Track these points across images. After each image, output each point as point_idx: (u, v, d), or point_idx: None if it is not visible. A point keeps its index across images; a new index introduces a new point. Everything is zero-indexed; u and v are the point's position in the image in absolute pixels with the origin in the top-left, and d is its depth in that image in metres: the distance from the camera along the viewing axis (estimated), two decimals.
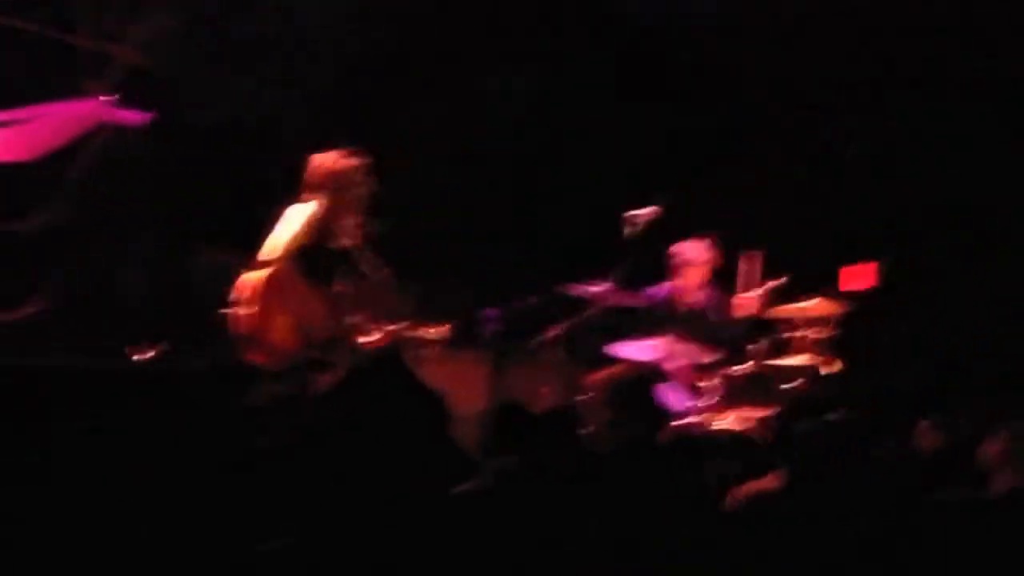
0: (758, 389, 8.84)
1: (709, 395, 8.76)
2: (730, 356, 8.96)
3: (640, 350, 8.82)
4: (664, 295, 9.39)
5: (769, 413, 8.18)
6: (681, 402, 8.85)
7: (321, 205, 7.76)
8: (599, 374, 8.90)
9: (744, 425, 8.46)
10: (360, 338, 7.66)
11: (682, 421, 8.54)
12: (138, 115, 8.65)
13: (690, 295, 9.37)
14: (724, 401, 8.76)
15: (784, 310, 9.09)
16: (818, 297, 9.03)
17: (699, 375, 8.95)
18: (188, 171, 9.92)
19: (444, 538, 4.48)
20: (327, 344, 7.59)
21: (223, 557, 4.19)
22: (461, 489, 5.10)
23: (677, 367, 8.95)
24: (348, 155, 7.83)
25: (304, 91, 10.38)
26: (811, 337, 8.94)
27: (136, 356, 8.13)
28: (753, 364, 8.85)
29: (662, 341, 8.77)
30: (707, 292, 9.37)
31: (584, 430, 7.94)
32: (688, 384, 8.98)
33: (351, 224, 7.78)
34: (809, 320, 8.98)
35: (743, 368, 8.87)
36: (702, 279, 9.33)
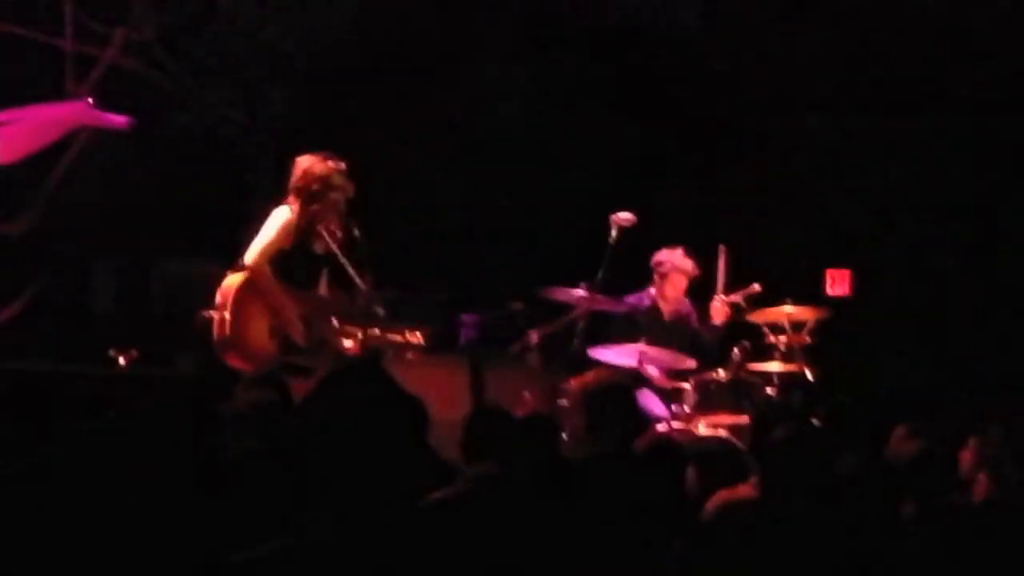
0: (735, 395, 8.87)
1: (687, 401, 8.79)
2: (708, 363, 9.00)
3: (619, 355, 8.83)
4: (647, 303, 9.40)
5: (746, 420, 8.20)
6: (659, 408, 8.87)
7: (301, 209, 7.74)
8: (577, 379, 8.90)
9: (721, 432, 8.49)
10: (339, 343, 7.66)
11: (660, 427, 8.55)
12: (119, 118, 8.65)
13: (673, 303, 9.38)
14: (701, 407, 8.78)
15: (761, 315, 9.12)
16: (795, 303, 9.07)
17: (677, 381, 8.98)
18: (162, 179, 9.90)
19: (422, 544, 4.48)
20: (306, 349, 7.60)
21: (197, 567, 4.19)
22: (439, 495, 5.11)
23: (655, 373, 8.98)
24: (327, 158, 7.81)
25: (278, 99, 10.37)
26: (788, 343, 8.97)
27: (119, 358, 8.11)
28: (730, 370, 8.89)
29: (641, 346, 8.79)
30: (687, 300, 9.40)
31: (562, 436, 7.95)
32: (666, 390, 9.00)
33: (330, 228, 7.76)
34: (786, 326, 9.02)
35: (720, 374, 8.90)
36: (685, 287, 9.35)
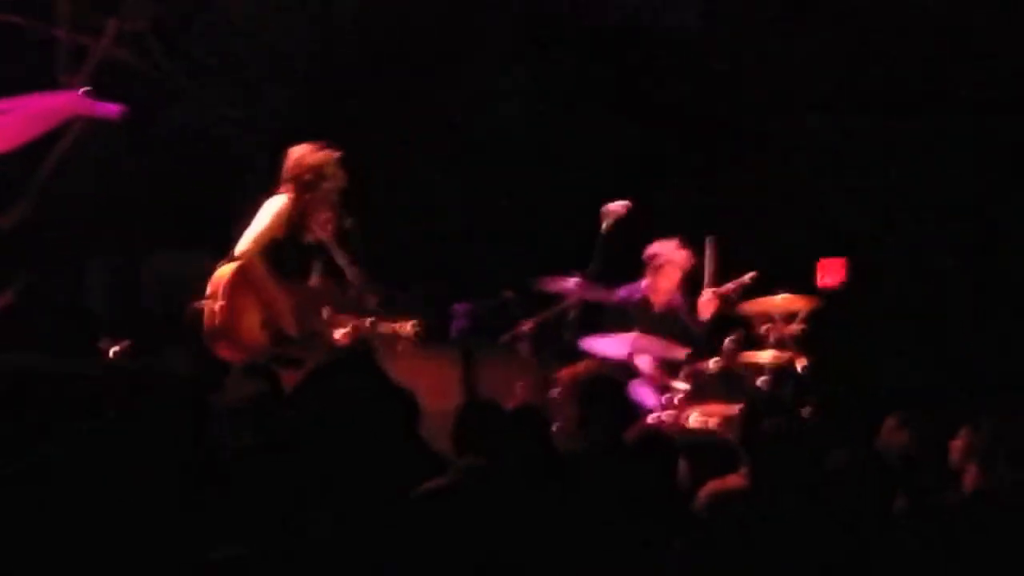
0: (727, 386, 8.87)
1: (678, 392, 8.79)
2: (700, 354, 9.00)
3: (611, 346, 8.84)
4: (640, 295, 9.41)
5: (737, 410, 8.21)
6: (651, 399, 8.87)
7: (293, 198, 7.74)
8: (569, 370, 8.91)
9: (712, 422, 8.49)
10: (330, 333, 7.66)
11: (652, 418, 8.56)
12: (112, 108, 8.63)
13: (666, 295, 9.38)
14: (693, 398, 8.79)
15: (754, 305, 9.13)
16: (787, 292, 9.08)
17: (669, 371, 8.99)
18: (156, 173, 9.88)
19: (413, 535, 4.50)
20: (297, 340, 7.59)
21: (192, 563, 4.19)
22: (430, 486, 5.12)
23: (647, 363, 8.98)
24: (321, 148, 7.81)
25: (277, 97, 10.36)
26: (780, 333, 8.98)
27: (111, 350, 8.10)
28: (722, 361, 8.89)
29: (633, 337, 8.79)
30: (680, 293, 9.40)
31: (553, 427, 7.96)
32: (658, 381, 9.00)
33: (323, 218, 7.76)
34: (778, 316, 9.03)
35: (712, 365, 8.91)
36: (679, 280, 9.34)
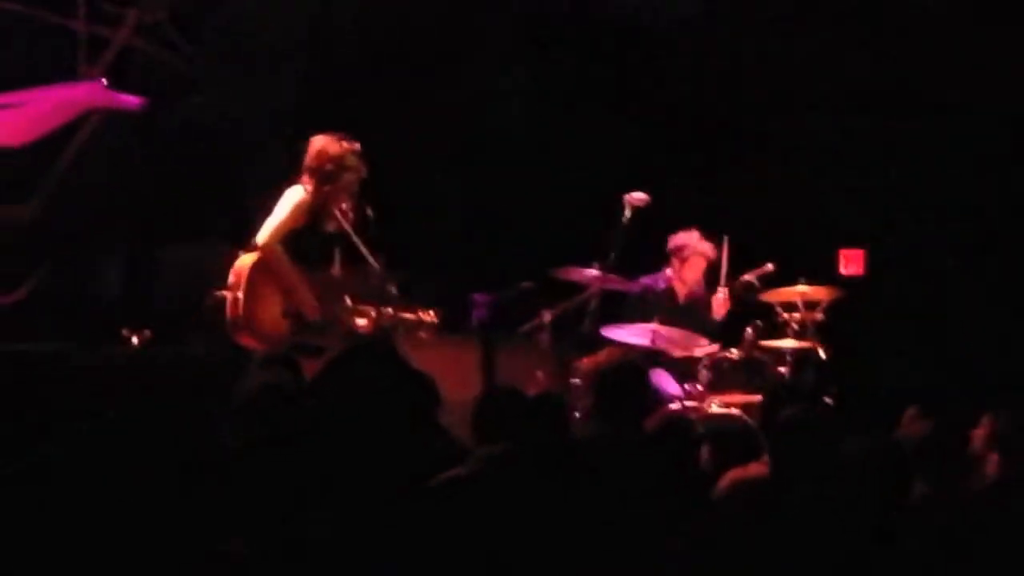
0: (748, 374, 8.87)
1: (699, 380, 8.79)
2: (720, 343, 9.01)
3: (631, 334, 8.84)
4: (662, 285, 9.41)
5: (758, 398, 8.21)
6: (671, 387, 8.87)
7: (314, 188, 7.75)
8: (589, 358, 8.91)
9: (733, 410, 8.49)
10: (351, 322, 7.67)
11: (672, 406, 8.56)
12: (132, 99, 8.65)
13: (691, 286, 9.37)
14: (714, 386, 8.79)
15: (774, 294, 9.13)
16: (808, 282, 9.07)
17: (689, 360, 8.99)
18: (169, 162, 9.90)
19: (434, 523, 4.50)
20: (317, 328, 7.61)
21: (202, 555, 4.20)
22: (450, 475, 5.13)
23: (668, 352, 8.98)
24: (342, 139, 7.82)
25: (286, 84, 10.36)
26: (801, 321, 8.98)
27: (132, 338, 8.13)
28: (743, 349, 8.89)
29: (653, 326, 8.79)
30: (703, 285, 9.39)
31: (574, 415, 7.96)
32: (678, 369, 9.00)
33: (343, 208, 7.77)
34: (800, 304, 9.02)
35: (733, 353, 8.91)
36: (704, 271, 9.34)
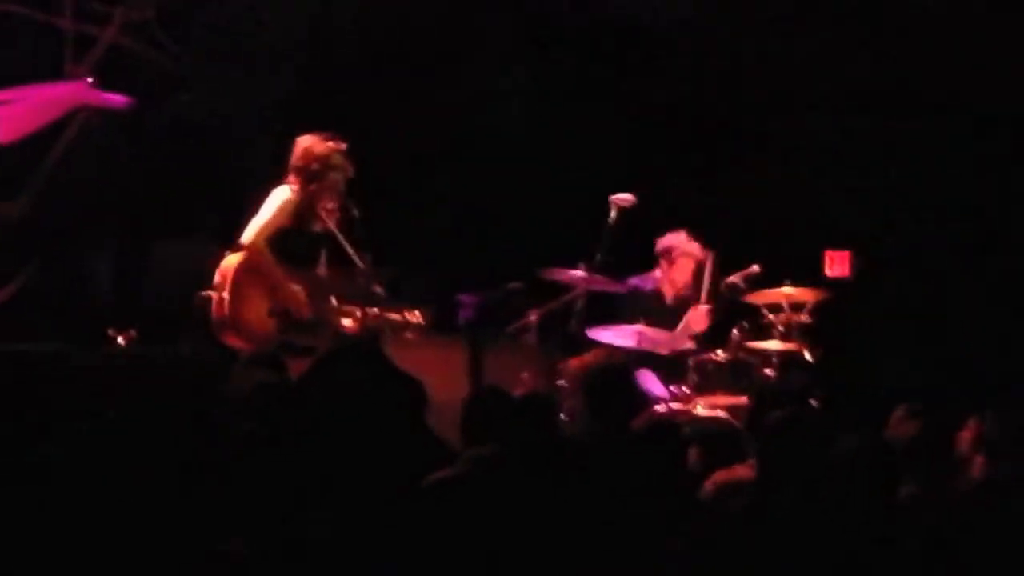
0: (734, 376, 8.88)
1: (686, 382, 8.79)
2: (707, 344, 9.01)
3: (617, 336, 8.83)
4: (650, 286, 9.40)
5: (744, 400, 8.21)
6: (658, 388, 8.87)
7: (300, 188, 7.75)
8: (577, 359, 8.91)
9: (719, 412, 8.49)
10: (338, 322, 7.67)
11: (659, 407, 8.56)
12: (118, 98, 8.63)
13: (680, 288, 9.36)
14: (700, 388, 8.79)
15: (761, 295, 9.12)
16: (795, 283, 9.07)
17: (676, 361, 8.99)
18: (158, 162, 9.88)
19: (422, 525, 4.50)
20: (304, 328, 7.60)
21: (195, 555, 4.20)
22: (438, 476, 5.12)
23: (655, 353, 8.97)
24: (328, 138, 7.82)
25: (276, 83, 10.34)
26: (787, 322, 8.98)
27: (118, 338, 8.10)
28: (729, 351, 8.90)
29: (639, 327, 8.78)
30: (691, 286, 9.37)
31: (561, 416, 7.96)
32: (665, 370, 9.00)
33: (330, 208, 7.77)
34: (786, 306, 9.02)
35: (720, 355, 8.91)
36: (693, 272, 9.32)
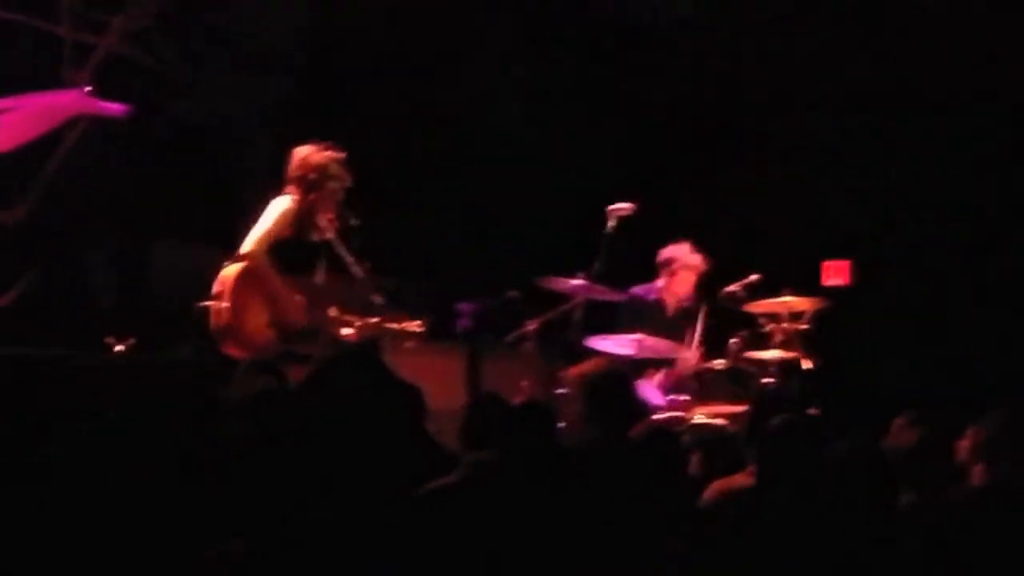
0: (733, 384, 8.88)
1: (685, 390, 8.79)
2: (707, 353, 9.01)
3: (617, 344, 8.83)
4: (654, 295, 9.40)
5: (744, 408, 8.20)
6: (657, 397, 8.87)
7: (298, 198, 7.76)
8: (576, 368, 8.90)
9: (719, 420, 8.49)
10: (337, 331, 7.66)
11: (658, 416, 8.56)
12: (117, 107, 8.62)
13: (682, 299, 9.36)
14: (699, 396, 8.79)
15: (759, 305, 9.12)
16: (794, 292, 9.07)
17: (675, 370, 8.99)
18: (159, 168, 9.87)
19: (421, 532, 4.49)
20: (303, 337, 7.60)
21: (191, 559, 4.18)
22: (438, 484, 5.11)
23: (654, 362, 8.98)
24: (326, 148, 7.83)
25: (275, 85, 10.34)
26: (786, 332, 8.98)
27: (116, 347, 8.09)
28: (728, 359, 8.90)
29: (639, 337, 8.78)
30: (693, 297, 9.37)
31: (560, 424, 7.94)
32: (664, 379, 9.00)
33: (328, 217, 7.78)
34: (784, 315, 9.02)
35: (719, 363, 8.91)
36: (694, 283, 9.33)
